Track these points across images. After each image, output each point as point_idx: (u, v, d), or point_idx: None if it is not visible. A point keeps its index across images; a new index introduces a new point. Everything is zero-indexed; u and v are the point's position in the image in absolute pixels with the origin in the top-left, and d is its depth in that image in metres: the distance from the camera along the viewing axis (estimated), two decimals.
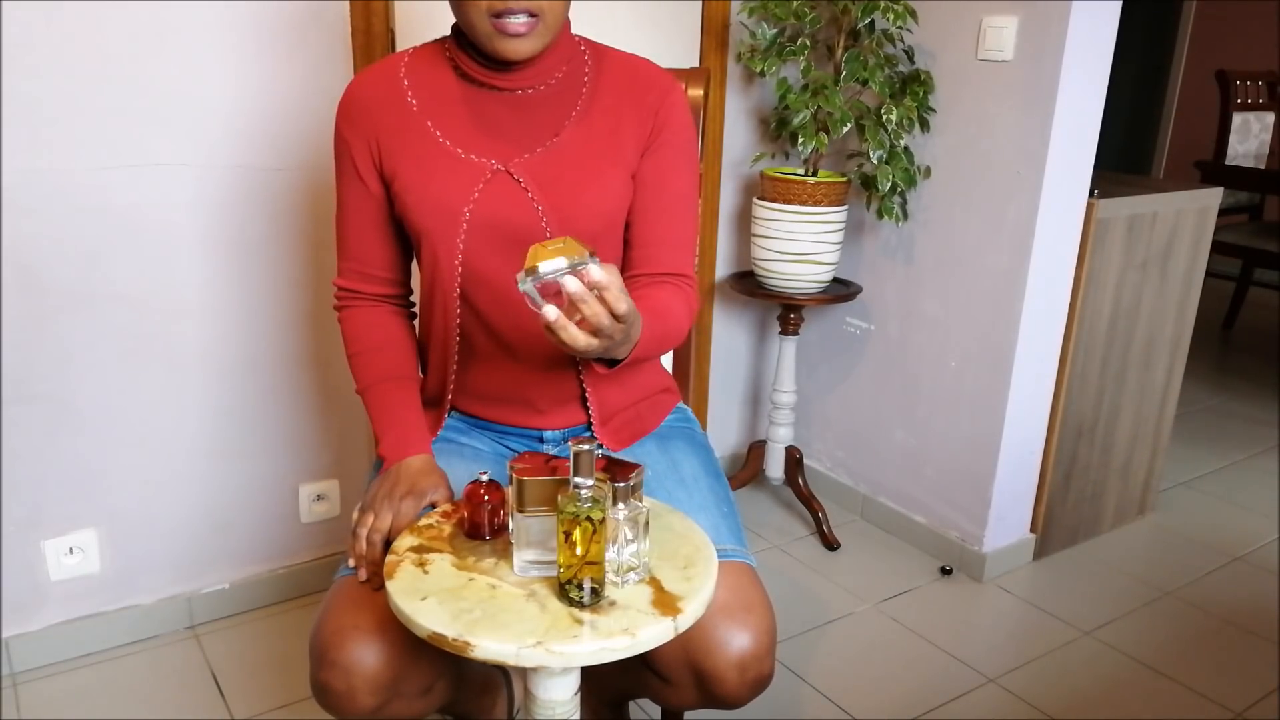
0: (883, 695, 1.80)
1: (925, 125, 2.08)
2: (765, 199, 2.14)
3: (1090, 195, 2.04)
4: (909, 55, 2.10)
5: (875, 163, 2.04)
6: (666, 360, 1.54)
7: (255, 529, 1.98)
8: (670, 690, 1.19)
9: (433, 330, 1.26)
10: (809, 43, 2.07)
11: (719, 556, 1.06)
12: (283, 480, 1.99)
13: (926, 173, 2.14)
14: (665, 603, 0.95)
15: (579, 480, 0.93)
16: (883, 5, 1.96)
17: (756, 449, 2.43)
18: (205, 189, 1.75)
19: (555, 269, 0.89)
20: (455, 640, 0.90)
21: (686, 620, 0.94)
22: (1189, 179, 3.40)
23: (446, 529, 1.09)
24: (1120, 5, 1.93)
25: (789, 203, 2.09)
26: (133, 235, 1.71)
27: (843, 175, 2.15)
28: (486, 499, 1.05)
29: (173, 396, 1.83)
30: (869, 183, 2.09)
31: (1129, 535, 2.44)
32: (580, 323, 0.92)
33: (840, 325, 2.44)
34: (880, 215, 2.12)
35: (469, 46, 1.17)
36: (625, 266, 1.25)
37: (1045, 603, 2.12)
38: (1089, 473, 2.32)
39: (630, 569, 0.98)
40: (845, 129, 2.02)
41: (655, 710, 1.68)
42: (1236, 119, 3.85)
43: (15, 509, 1.74)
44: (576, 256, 0.90)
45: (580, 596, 0.94)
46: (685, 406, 1.43)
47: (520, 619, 0.92)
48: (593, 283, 0.91)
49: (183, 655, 1.87)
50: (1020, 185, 1.98)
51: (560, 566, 0.94)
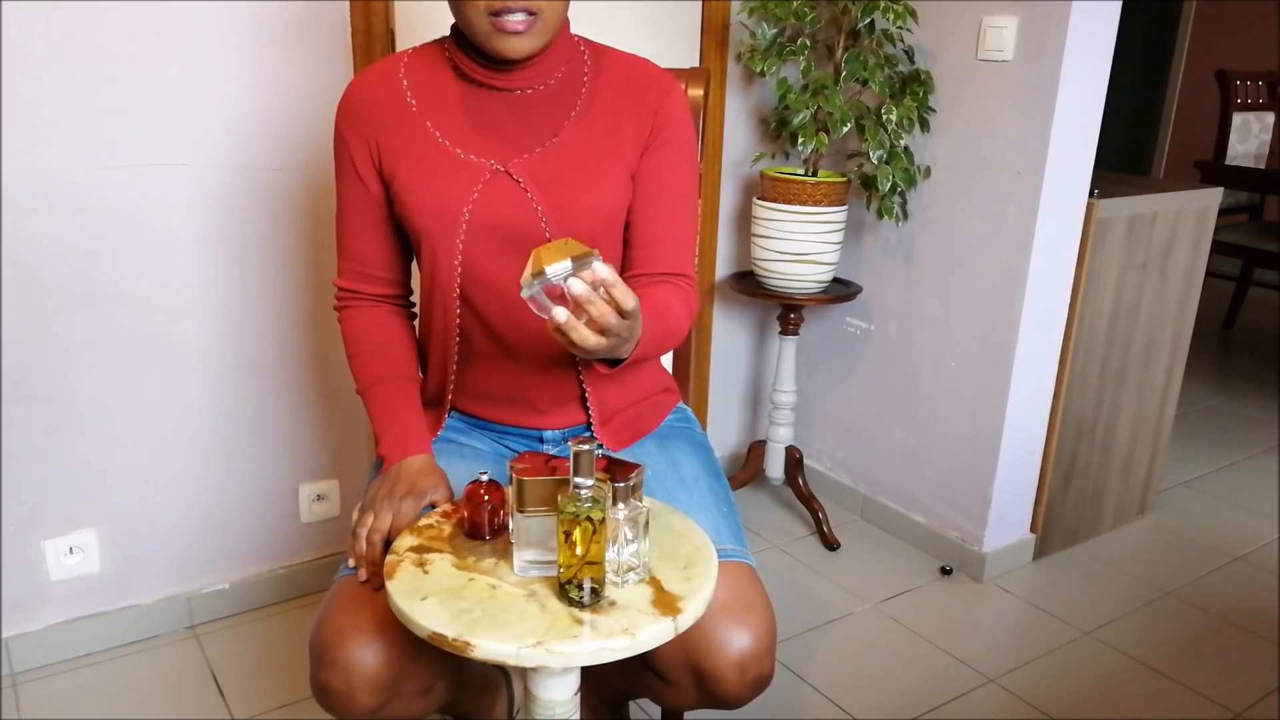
0: (883, 695, 1.80)
1: (925, 125, 2.08)
2: (765, 199, 2.14)
3: (1090, 195, 2.04)
4: (909, 55, 2.10)
5: (875, 163, 2.04)
6: (666, 360, 1.54)
7: (255, 529, 1.99)
8: (670, 690, 1.19)
9: (432, 330, 1.26)
10: (809, 43, 2.07)
11: (719, 556, 1.06)
12: (283, 480, 1.99)
13: (926, 173, 2.14)
14: (665, 603, 0.95)
15: (579, 480, 0.93)
16: (883, 5, 1.96)
17: (756, 449, 2.43)
18: (205, 189, 1.75)
19: (562, 271, 0.89)
20: (455, 640, 0.90)
21: (686, 620, 0.94)
22: (1189, 179, 3.40)
23: (446, 529, 1.09)
24: (1120, 5, 1.93)
25: (789, 203, 2.09)
26: (133, 235, 1.71)
27: (843, 175, 2.15)
28: (486, 499, 1.05)
29: (173, 396, 1.83)
30: (869, 183, 2.09)
31: (1129, 535, 2.44)
32: (588, 322, 0.92)
33: (840, 325, 2.44)
34: (880, 215, 2.12)
35: (468, 46, 1.17)
36: (625, 266, 1.25)
37: (1045, 603, 2.12)
38: (1089, 473, 2.32)
39: (630, 569, 0.98)
40: (845, 129, 2.02)
41: (655, 710, 1.68)
42: (1236, 119, 3.85)
43: (15, 509, 1.74)
44: (580, 257, 0.90)
45: (580, 596, 0.94)
46: (685, 406, 1.43)
47: (520, 619, 0.92)
48: (599, 281, 0.91)
49: (183, 655, 1.87)
50: (1020, 185, 1.98)
51: (560, 566, 0.94)
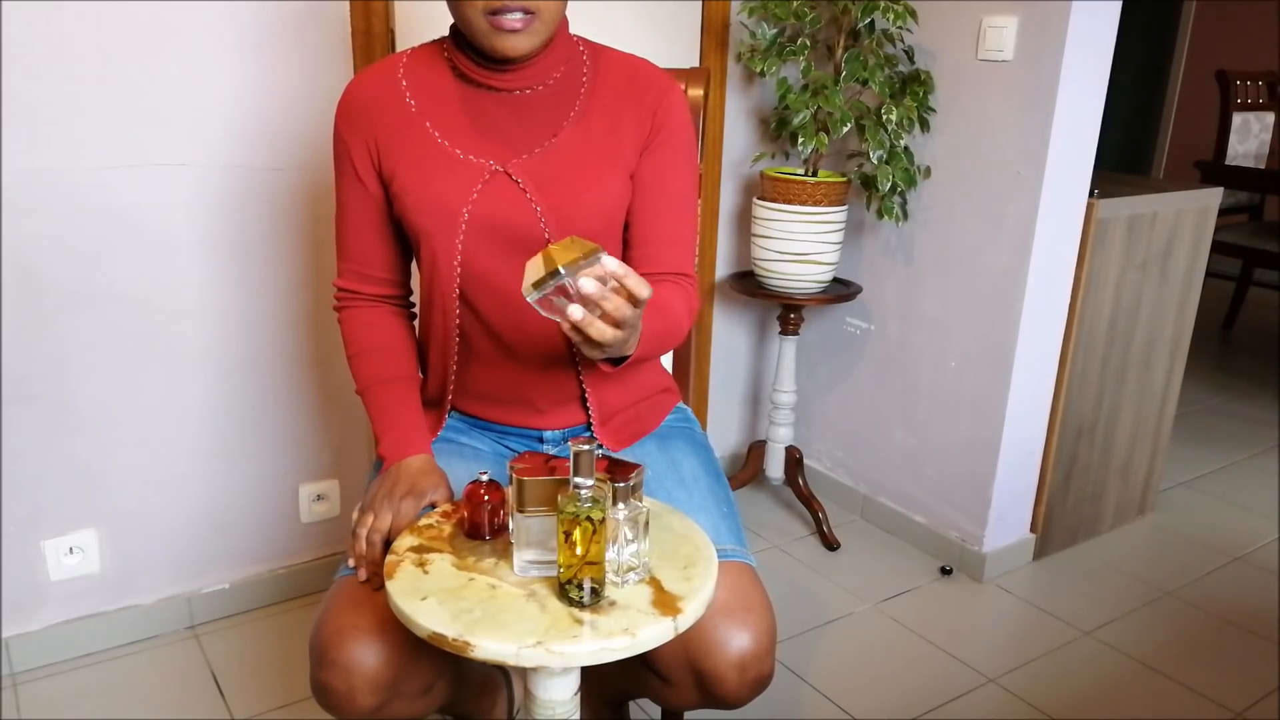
0: (883, 695, 1.80)
1: (925, 125, 2.08)
2: (765, 199, 2.14)
3: (1090, 195, 2.04)
4: (909, 55, 2.10)
5: (875, 163, 2.04)
6: (666, 360, 1.54)
7: (255, 529, 1.99)
8: (670, 690, 1.19)
9: (432, 330, 1.26)
10: (809, 43, 2.07)
11: (719, 556, 1.06)
12: (283, 480, 1.99)
13: (926, 173, 2.14)
14: (665, 603, 0.95)
15: (579, 480, 0.93)
16: (883, 5, 1.96)
17: (756, 449, 2.43)
18: (205, 189, 1.76)
19: (574, 269, 0.88)
20: (455, 640, 0.90)
21: (686, 620, 0.94)
22: (1189, 179, 3.40)
23: (446, 529, 1.09)
24: (1120, 5, 1.93)
25: (789, 203, 2.09)
26: (133, 235, 1.71)
27: (843, 175, 2.15)
28: (486, 499, 1.05)
29: (173, 396, 1.83)
30: (869, 183, 2.09)
31: (1129, 535, 2.44)
32: (603, 317, 0.92)
33: (840, 325, 2.44)
34: (880, 215, 2.12)
35: (467, 47, 1.17)
36: None
37: (1045, 603, 2.12)
38: (1089, 473, 2.32)
39: (630, 569, 0.98)
40: (845, 129, 2.02)
41: (655, 710, 1.68)
42: (1236, 119, 3.85)
43: (15, 509, 1.74)
44: (587, 254, 0.89)
45: (580, 596, 0.94)
46: (685, 406, 1.43)
47: (520, 619, 0.92)
48: (610, 274, 0.90)
49: (183, 655, 1.87)
50: (1020, 185, 1.98)
51: (560, 566, 0.94)
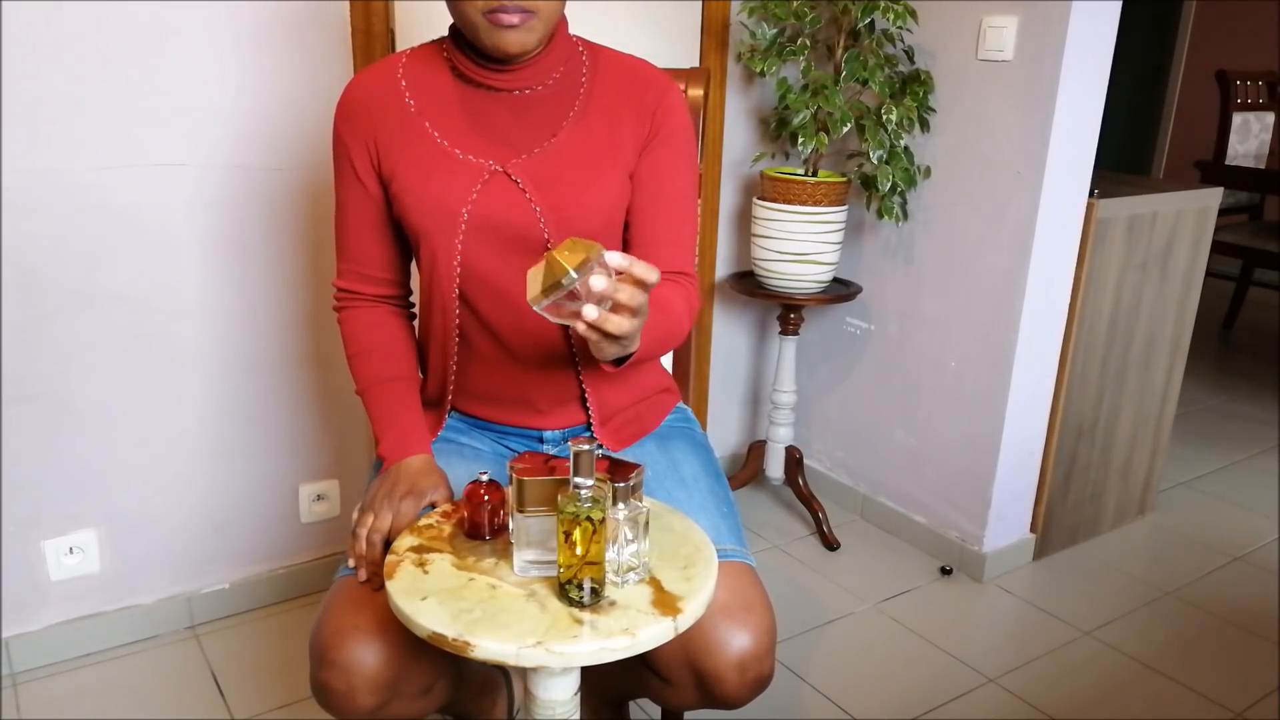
0: (883, 695, 1.80)
1: (925, 125, 2.08)
2: (765, 199, 2.14)
3: (1090, 195, 2.04)
4: (909, 55, 2.10)
5: (875, 163, 2.04)
6: (666, 360, 1.54)
7: (255, 529, 1.99)
8: (670, 690, 1.19)
9: (432, 331, 1.26)
10: (809, 43, 2.07)
11: (719, 556, 1.06)
12: (283, 480, 1.99)
13: (926, 173, 2.14)
14: (665, 603, 0.95)
15: (579, 480, 0.93)
16: (883, 5, 1.96)
17: (756, 449, 2.43)
18: (205, 189, 1.75)
19: (584, 270, 0.87)
20: (455, 640, 0.89)
21: (686, 620, 0.94)
22: (1189, 179, 3.40)
23: (446, 529, 1.09)
24: (1120, 5, 1.93)
25: (789, 203, 2.09)
26: (133, 235, 1.71)
27: (843, 175, 2.15)
28: (486, 499, 1.05)
29: (173, 396, 1.83)
30: (869, 183, 2.09)
31: (1129, 535, 2.44)
32: (614, 309, 0.92)
33: (840, 325, 2.44)
34: (880, 215, 2.12)
35: (466, 47, 1.17)
36: None
37: (1045, 603, 2.12)
38: (1089, 473, 2.32)
39: (630, 569, 0.98)
40: (845, 129, 2.02)
41: (655, 710, 1.68)
42: (1236, 119, 3.85)
43: (15, 509, 1.74)
44: (590, 253, 0.89)
45: (580, 596, 0.94)
46: (685, 406, 1.43)
47: (520, 619, 0.92)
48: (616, 268, 0.90)
49: (183, 655, 1.87)
50: (1020, 185, 1.98)
51: (560, 566, 0.94)
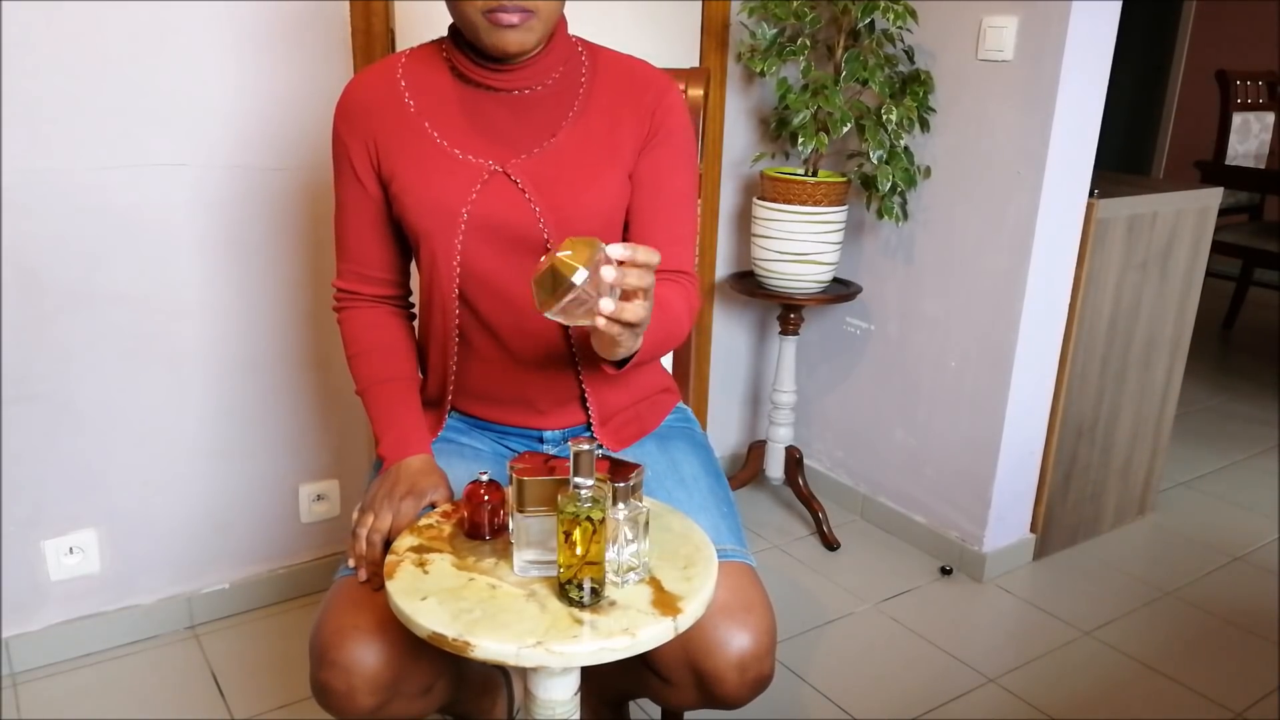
0: (883, 695, 1.80)
1: (925, 125, 2.08)
2: (765, 199, 2.14)
3: (1090, 195, 2.04)
4: (909, 55, 2.10)
5: (875, 163, 2.04)
6: (666, 360, 1.54)
7: (255, 529, 1.98)
8: (670, 690, 1.19)
9: (432, 331, 1.26)
10: (809, 43, 2.07)
11: (719, 556, 1.06)
12: (283, 480, 1.99)
13: (926, 173, 2.14)
14: (665, 603, 0.95)
15: (579, 480, 0.93)
16: (883, 5, 1.96)
17: (756, 449, 2.43)
18: (205, 189, 1.75)
19: (592, 266, 0.88)
20: (455, 640, 0.90)
21: (686, 620, 0.94)
22: (1189, 179, 3.40)
23: (446, 529, 1.09)
24: (1120, 5, 1.93)
25: (789, 203, 2.09)
26: (133, 235, 1.71)
27: (843, 175, 2.15)
28: (486, 499, 1.05)
29: (173, 396, 1.83)
30: (869, 183, 2.09)
31: (1129, 535, 2.44)
32: (624, 296, 0.92)
33: (840, 325, 2.44)
34: (880, 215, 2.12)
35: (466, 47, 1.17)
36: None
37: (1045, 603, 2.12)
38: (1089, 473, 2.32)
39: (630, 569, 0.98)
40: (845, 129, 2.02)
41: (655, 710, 1.68)
42: (1236, 119, 3.85)
43: (15, 509, 1.74)
44: (592, 248, 0.89)
45: (580, 596, 0.94)
46: (685, 406, 1.43)
47: (520, 619, 0.92)
48: (619, 258, 0.90)
49: (183, 655, 1.87)
50: (1020, 185, 1.98)
51: (560, 566, 0.94)
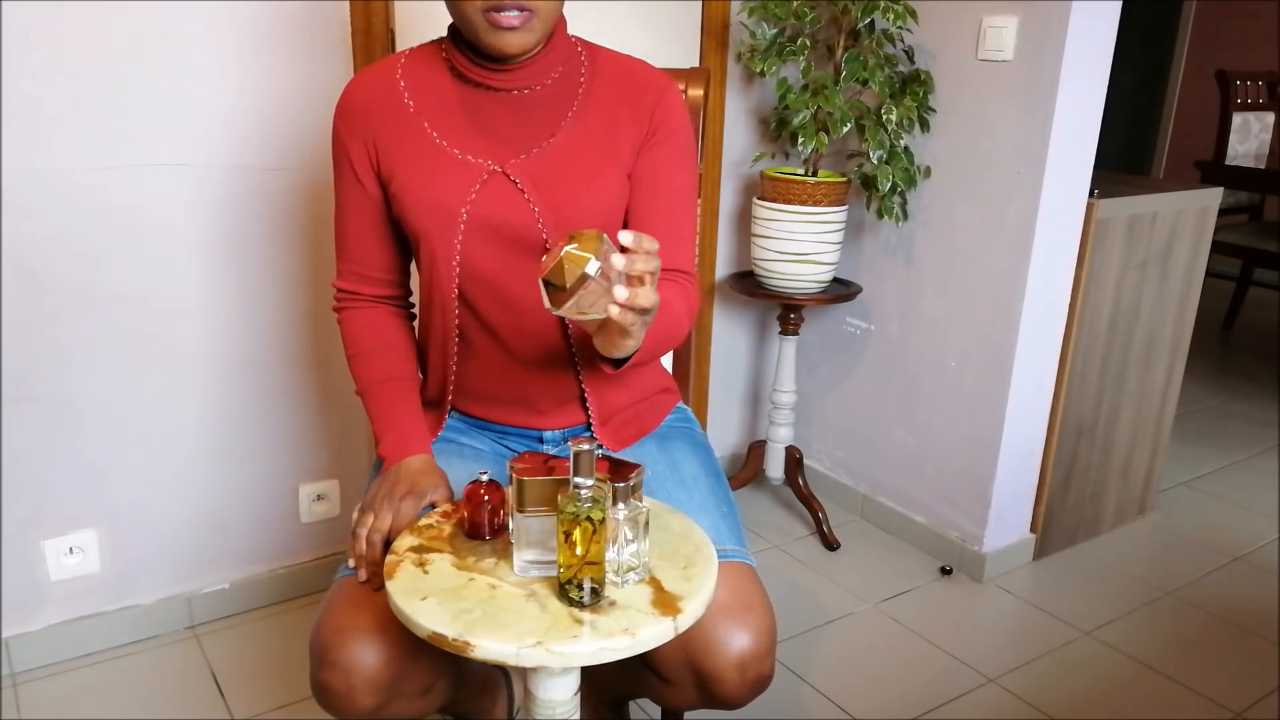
0: (883, 695, 1.80)
1: (925, 125, 2.08)
2: (765, 199, 2.14)
3: (1090, 195, 2.04)
4: (909, 55, 2.10)
5: (875, 163, 2.04)
6: (666, 360, 1.54)
7: (255, 529, 1.98)
8: (670, 690, 1.19)
9: (432, 331, 1.26)
10: (809, 43, 2.07)
11: (719, 557, 1.06)
12: (283, 480, 1.99)
13: (926, 173, 2.14)
14: (665, 603, 0.95)
15: (579, 480, 0.93)
16: (883, 5, 1.96)
17: (756, 449, 2.43)
18: (205, 189, 1.75)
19: (602, 257, 0.88)
20: (455, 640, 0.90)
21: (686, 620, 0.94)
22: (1189, 179, 3.40)
23: (446, 529, 1.09)
24: (1120, 5, 1.93)
25: (789, 203, 2.09)
26: (133, 235, 1.71)
27: (843, 175, 2.15)
28: (486, 499, 1.05)
29: (173, 396, 1.83)
30: (869, 183, 2.09)
31: (1129, 535, 2.44)
32: (630, 282, 0.92)
33: (840, 325, 2.44)
34: (880, 215, 2.12)
35: (466, 47, 1.17)
36: None
37: (1045, 603, 2.12)
38: (1089, 473, 2.32)
39: (630, 569, 0.98)
40: (845, 129, 2.02)
41: (655, 710, 1.68)
42: (1236, 119, 3.85)
43: (15, 509, 1.74)
44: (598, 239, 0.89)
45: (580, 596, 0.94)
46: (685, 406, 1.43)
47: (520, 619, 0.92)
48: (628, 245, 0.91)
49: (183, 655, 1.87)
50: (1020, 185, 1.98)
51: (560, 566, 0.94)
